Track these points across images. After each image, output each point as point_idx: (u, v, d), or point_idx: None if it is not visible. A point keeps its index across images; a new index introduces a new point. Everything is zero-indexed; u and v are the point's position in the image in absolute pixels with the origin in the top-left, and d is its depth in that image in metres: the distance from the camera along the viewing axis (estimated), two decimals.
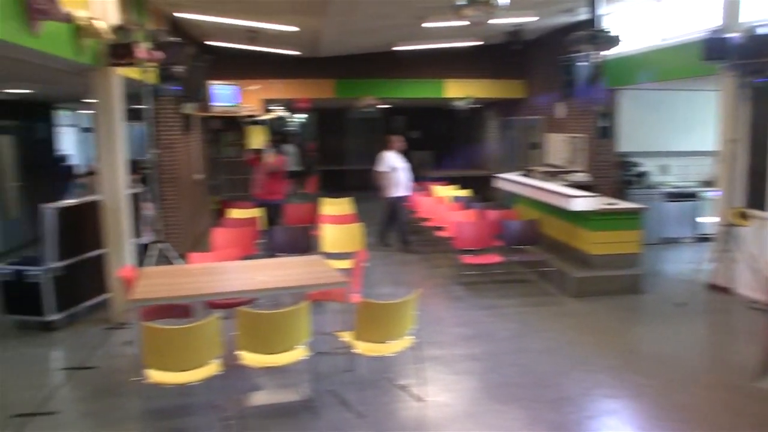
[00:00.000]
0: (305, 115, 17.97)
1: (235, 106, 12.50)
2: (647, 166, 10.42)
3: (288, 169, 10.28)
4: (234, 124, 12.93)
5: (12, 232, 10.64)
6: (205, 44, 11.41)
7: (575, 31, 8.21)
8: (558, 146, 11.91)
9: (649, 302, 7.26)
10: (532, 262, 8.22)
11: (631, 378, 5.06)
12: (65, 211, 6.59)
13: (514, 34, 10.72)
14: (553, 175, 10.57)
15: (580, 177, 10.34)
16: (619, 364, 5.35)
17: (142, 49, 6.44)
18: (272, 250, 7.48)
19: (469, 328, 6.39)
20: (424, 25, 9.46)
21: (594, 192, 8.76)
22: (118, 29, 6.17)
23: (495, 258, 7.69)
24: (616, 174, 10.32)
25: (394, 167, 9.90)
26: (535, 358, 5.55)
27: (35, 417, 4.56)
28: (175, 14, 9.02)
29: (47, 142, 13.22)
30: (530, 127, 13.55)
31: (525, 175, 10.57)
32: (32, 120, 12.24)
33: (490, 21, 7.13)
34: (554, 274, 7.76)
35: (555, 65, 10.33)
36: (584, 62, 9.37)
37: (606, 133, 10.22)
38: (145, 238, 8.02)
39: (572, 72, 9.49)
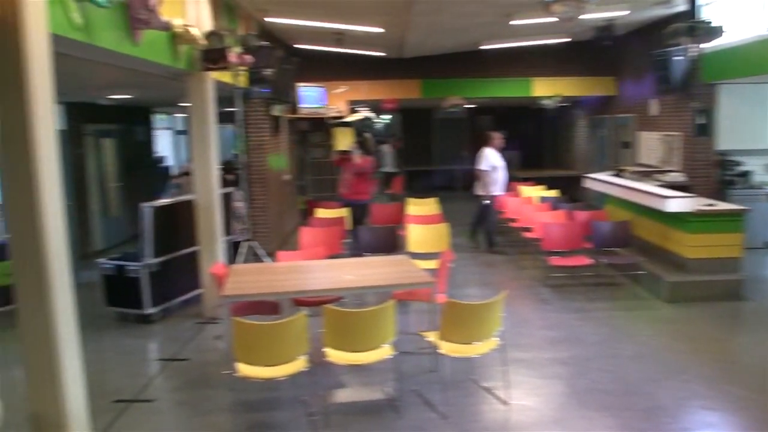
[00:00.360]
0: (390, 116, 18.07)
1: (322, 107, 12.71)
2: (751, 164, 9.80)
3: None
4: (321, 126, 13.17)
5: (114, 229, 11.25)
6: (293, 47, 11.67)
7: (668, 24, 7.85)
8: (651, 145, 11.42)
9: (752, 310, 6.86)
10: (623, 264, 7.92)
11: (730, 390, 4.77)
12: (161, 210, 6.89)
13: (605, 29, 10.35)
14: (645, 174, 10.15)
15: (675, 177, 9.86)
16: (716, 375, 5.07)
17: (234, 54, 6.65)
18: (358, 249, 7.54)
19: (557, 332, 6.24)
20: (511, 22, 9.30)
21: (690, 192, 8.35)
22: (211, 35, 6.40)
23: (584, 260, 7.46)
24: (716, 174, 9.79)
25: (494, 166, 9.57)
26: (626, 365, 5.35)
27: (134, 403, 4.81)
28: (265, 19, 9.28)
29: (145, 144, 13.88)
30: (621, 126, 13.07)
31: (616, 175, 10.19)
32: (131, 123, 12.85)
33: (580, 17, 6.95)
34: (646, 277, 7.45)
35: (648, 60, 9.93)
36: (681, 56, 8.95)
37: (704, 130, 9.69)
38: (236, 237, 8.31)
39: (668, 67, 9.09)
